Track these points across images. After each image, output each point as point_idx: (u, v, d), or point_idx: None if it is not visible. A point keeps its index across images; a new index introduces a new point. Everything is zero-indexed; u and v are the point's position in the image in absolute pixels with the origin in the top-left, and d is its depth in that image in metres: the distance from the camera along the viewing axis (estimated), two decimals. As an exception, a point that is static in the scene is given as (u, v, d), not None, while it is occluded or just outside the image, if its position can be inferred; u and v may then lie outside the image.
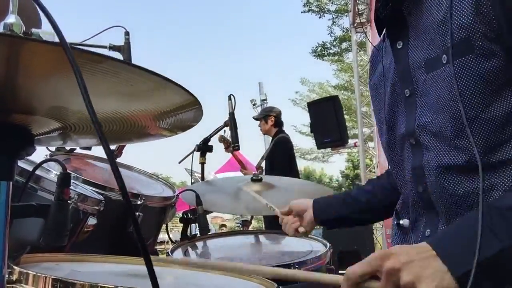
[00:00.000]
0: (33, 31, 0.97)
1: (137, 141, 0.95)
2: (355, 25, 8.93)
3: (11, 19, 0.76)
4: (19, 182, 1.06)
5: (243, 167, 4.88)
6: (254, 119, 4.75)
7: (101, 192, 1.55)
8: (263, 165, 4.47)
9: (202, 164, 2.36)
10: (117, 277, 1.00)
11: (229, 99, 2.13)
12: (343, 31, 17.01)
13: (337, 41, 17.70)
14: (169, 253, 1.55)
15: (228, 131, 2.14)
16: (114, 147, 2.22)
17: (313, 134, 7.20)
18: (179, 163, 3.00)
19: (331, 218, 1.38)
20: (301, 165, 23.27)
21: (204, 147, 2.33)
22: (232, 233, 2.26)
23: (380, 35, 1.10)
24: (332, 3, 16.68)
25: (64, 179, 0.85)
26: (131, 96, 0.68)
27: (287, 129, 4.80)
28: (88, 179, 1.59)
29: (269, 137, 4.82)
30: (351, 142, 8.99)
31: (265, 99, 8.63)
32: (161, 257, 1.76)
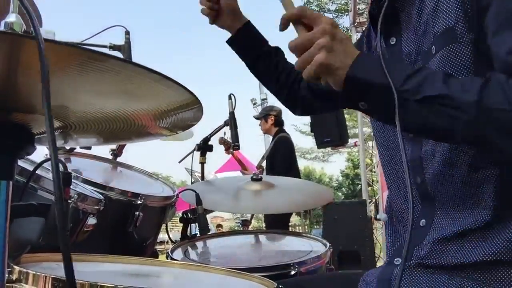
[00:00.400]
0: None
1: (137, 140, 0.95)
2: (355, 24, 8.92)
3: (12, 18, 0.75)
4: (20, 181, 1.06)
5: (243, 168, 4.88)
6: (254, 118, 4.75)
7: (101, 191, 1.54)
8: (263, 164, 4.49)
9: (202, 163, 2.35)
10: (117, 276, 1.00)
11: (229, 98, 2.13)
12: (344, 30, 16.96)
13: (337, 41, 17.70)
14: (169, 253, 1.55)
15: (228, 131, 2.14)
16: (114, 146, 2.23)
17: (313, 133, 7.18)
18: (179, 162, 3.01)
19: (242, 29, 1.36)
20: (301, 164, 23.26)
21: (204, 147, 2.33)
22: (232, 233, 2.26)
23: (375, 33, 1.10)
24: (332, 2, 16.66)
25: (64, 179, 0.85)
26: (131, 95, 0.68)
27: (287, 128, 4.79)
28: (88, 179, 1.59)
29: (270, 137, 4.80)
30: (351, 141, 8.97)
31: (266, 98, 8.61)
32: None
